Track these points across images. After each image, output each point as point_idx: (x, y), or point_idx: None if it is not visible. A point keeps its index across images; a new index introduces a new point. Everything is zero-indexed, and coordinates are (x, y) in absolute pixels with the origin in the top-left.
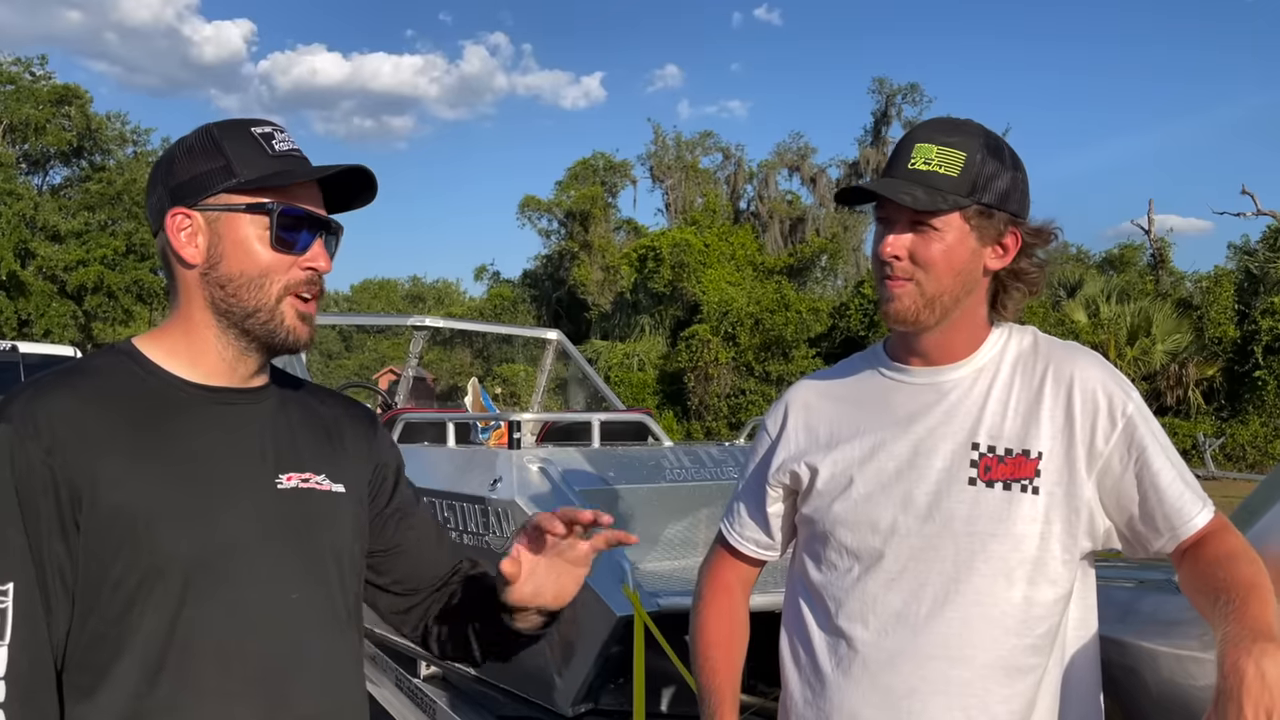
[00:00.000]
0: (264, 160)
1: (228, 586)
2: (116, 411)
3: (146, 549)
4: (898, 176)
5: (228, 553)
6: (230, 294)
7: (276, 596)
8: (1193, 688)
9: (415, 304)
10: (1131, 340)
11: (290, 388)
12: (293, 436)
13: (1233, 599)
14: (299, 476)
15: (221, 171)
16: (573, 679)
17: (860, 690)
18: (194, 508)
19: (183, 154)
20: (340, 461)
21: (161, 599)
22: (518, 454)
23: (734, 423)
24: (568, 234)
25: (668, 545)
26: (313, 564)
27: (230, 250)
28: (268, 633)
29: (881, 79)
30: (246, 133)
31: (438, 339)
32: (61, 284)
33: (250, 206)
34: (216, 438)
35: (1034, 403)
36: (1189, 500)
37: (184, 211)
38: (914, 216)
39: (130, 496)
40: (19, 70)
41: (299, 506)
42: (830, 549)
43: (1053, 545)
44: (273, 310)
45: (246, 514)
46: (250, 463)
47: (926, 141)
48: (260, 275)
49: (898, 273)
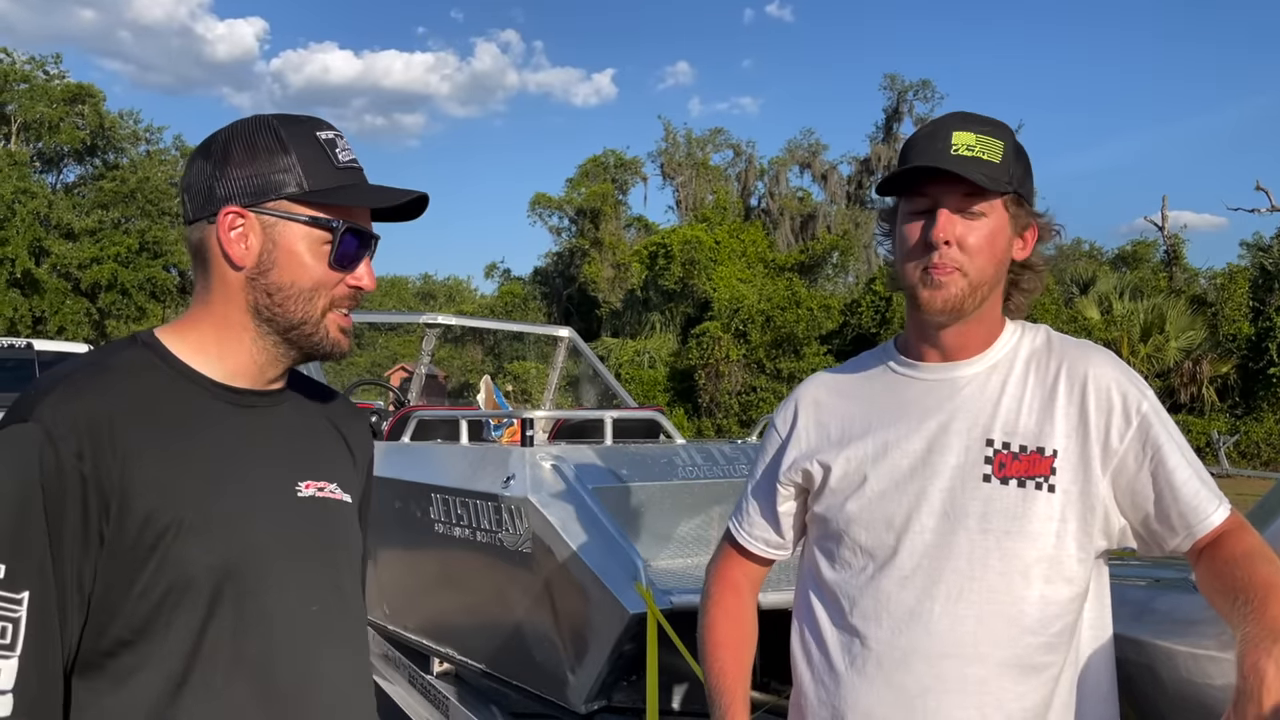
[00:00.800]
0: (330, 171)
1: (254, 598)
2: (146, 415)
3: (175, 559)
4: (940, 163)
5: (255, 563)
6: (277, 303)
7: (300, 608)
8: (1210, 687)
9: (426, 301)
10: (1145, 337)
11: (303, 389)
12: (309, 442)
13: (1251, 599)
14: (315, 485)
15: (287, 177)
16: (586, 676)
17: (874, 688)
18: (222, 517)
19: (243, 146)
20: (348, 469)
21: (189, 610)
22: (531, 451)
23: (745, 420)
24: (578, 231)
25: (681, 543)
26: (331, 575)
27: (284, 259)
28: (291, 645)
29: (893, 75)
30: (312, 137)
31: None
32: (75, 281)
33: (314, 220)
34: (242, 443)
35: (1048, 400)
36: (1205, 498)
37: (239, 211)
38: (961, 203)
39: (160, 505)
40: (33, 69)
41: (317, 516)
42: (844, 547)
43: (1068, 543)
44: (318, 324)
45: (271, 523)
46: (273, 469)
47: (962, 130)
48: (311, 289)
49: (946, 259)
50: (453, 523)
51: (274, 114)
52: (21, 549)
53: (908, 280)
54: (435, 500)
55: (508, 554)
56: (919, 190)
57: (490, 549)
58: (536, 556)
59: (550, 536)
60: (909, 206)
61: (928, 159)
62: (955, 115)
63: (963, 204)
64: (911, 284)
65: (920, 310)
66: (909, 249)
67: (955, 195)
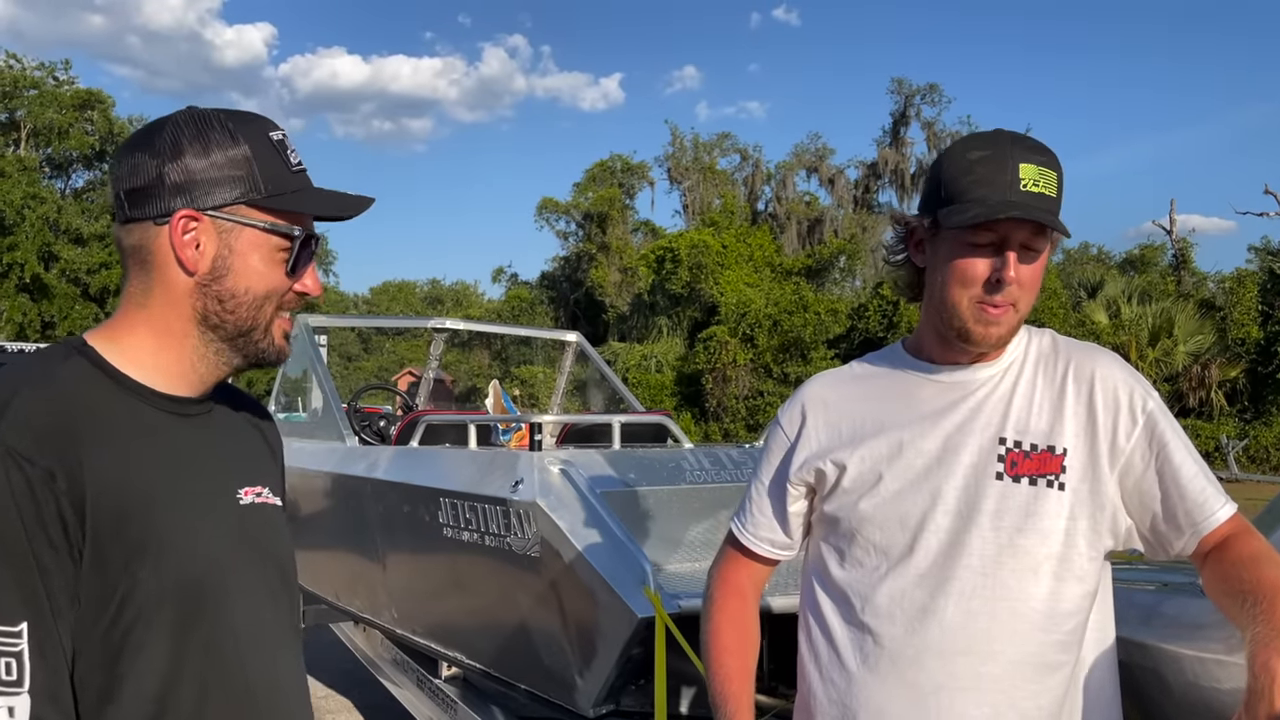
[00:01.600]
0: (285, 175)
1: (220, 611)
2: (100, 430)
3: (144, 578)
4: (1014, 200)
5: (216, 577)
6: (228, 310)
7: (256, 616)
8: (1217, 691)
9: (433, 306)
10: (1153, 341)
11: (229, 397)
12: (241, 448)
13: (1259, 600)
14: (253, 491)
15: (244, 181)
16: (594, 680)
17: (887, 686)
18: (182, 532)
19: (195, 144)
20: (273, 469)
21: (161, 628)
22: (539, 456)
23: (752, 424)
24: (585, 236)
25: (689, 547)
26: (275, 580)
27: (239, 266)
28: (257, 654)
29: (900, 79)
30: (266, 137)
31: (456, 341)
32: (84, 286)
33: (273, 227)
34: (188, 454)
35: (1057, 400)
36: (1211, 495)
37: (192, 214)
38: (1027, 240)
39: (126, 522)
40: (43, 75)
41: (258, 523)
42: (856, 546)
43: (1078, 541)
44: (265, 329)
45: (224, 535)
46: (217, 479)
47: (1026, 161)
48: (264, 296)
49: (1008, 297)
50: (461, 527)
51: (218, 109)
52: (8, 579)
53: (957, 309)
54: (444, 504)
55: (516, 558)
56: (986, 225)
57: (498, 553)
58: (545, 560)
59: (558, 540)
60: (971, 238)
61: (997, 193)
62: (1014, 141)
63: (1027, 241)
64: (962, 315)
65: (970, 343)
66: (969, 281)
67: (1023, 233)
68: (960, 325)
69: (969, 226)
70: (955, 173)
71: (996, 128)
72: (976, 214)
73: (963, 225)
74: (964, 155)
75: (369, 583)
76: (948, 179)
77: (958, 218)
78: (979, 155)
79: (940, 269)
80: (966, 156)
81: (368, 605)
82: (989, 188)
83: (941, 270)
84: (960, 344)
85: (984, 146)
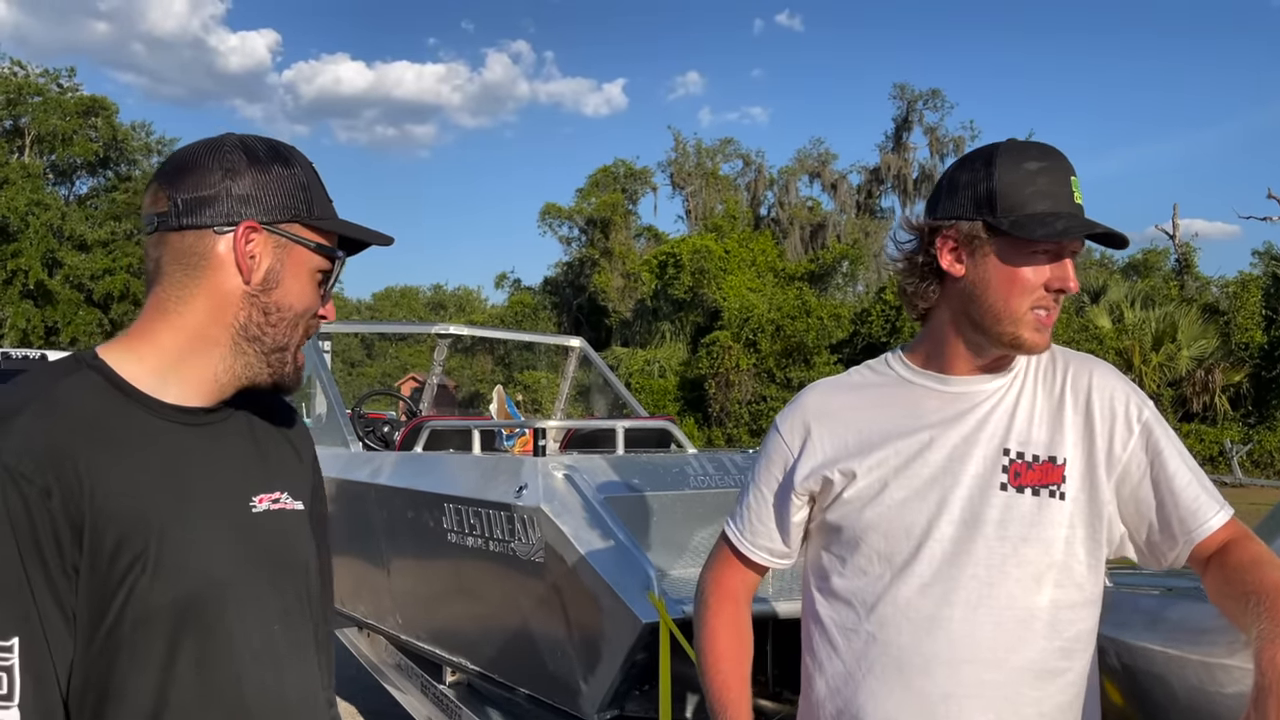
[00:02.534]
0: (325, 201)
1: (217, 627)
2: (103, 445)
3: (139, 593)
4: (1076, 213)
5: (215, 592)
6: (270, 323)
7: (260, 630)
8: (1221, 695)
9: (437, 311)
10: (1157, 346)
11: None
12: (257, 453)
13: (1263, 599)
14: (269, 498)
15: (302, 200)
16: (598, 685)
17: (895, 695)
18: (182, 546)
19: (257, 161)
20: (295, 472)
21: (154, 642)
22: (543, 461)
23: (755, 429)
24: (588, 241)
25: (693, 552)
26: (289, 591)
27: (288, 281)
28: (257, 668)
29: (902, 84)
30: (310, 166)
31: (460, 346)
32: (88, 292)
33: (320, 248)
34: (195, 465)
35: (1056, 411)
36: (1205, 503)
37: (256, 226)
38: (1074, 249)
39: (125, 537)
40: (46, 82)
41: (272, 532)
42: (860, 555)
43: (1078, 550)
44: (295, 350)
45: (229, 548)
46: (226, 489)
47: (1072, 174)
48: (304, 312)
49: (1059, 304)
50: (465, 532)
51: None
52: (2, 595)
53: (1013, 317)
54: (448, 510)
55: (520, 563)
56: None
57: (503, 558)
58: (549, 566)
59: (563, 546)
60: (1034, 247)
61: (1061, 206)
62: (1058, 154)
63: (1075, 250)
64: (1019, 322)
65: (1020, 349)
66: (1029, 289)
67: (1076, 242)
68: (1014, 333)
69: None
70: (1015, 182)
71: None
72: (1067, 227)
73: (1050, 237)
74: (1020, 165)
75: (373, 588)
76: (1005, 187)
77: (1042, 230)
78: (1037, 166)
79: (992, 276)
80: (1024, 166)
81: (372, 610)
82: (1054, 200)
83: (996, 277)
84: (1008, 351)
85: (1040, 158)
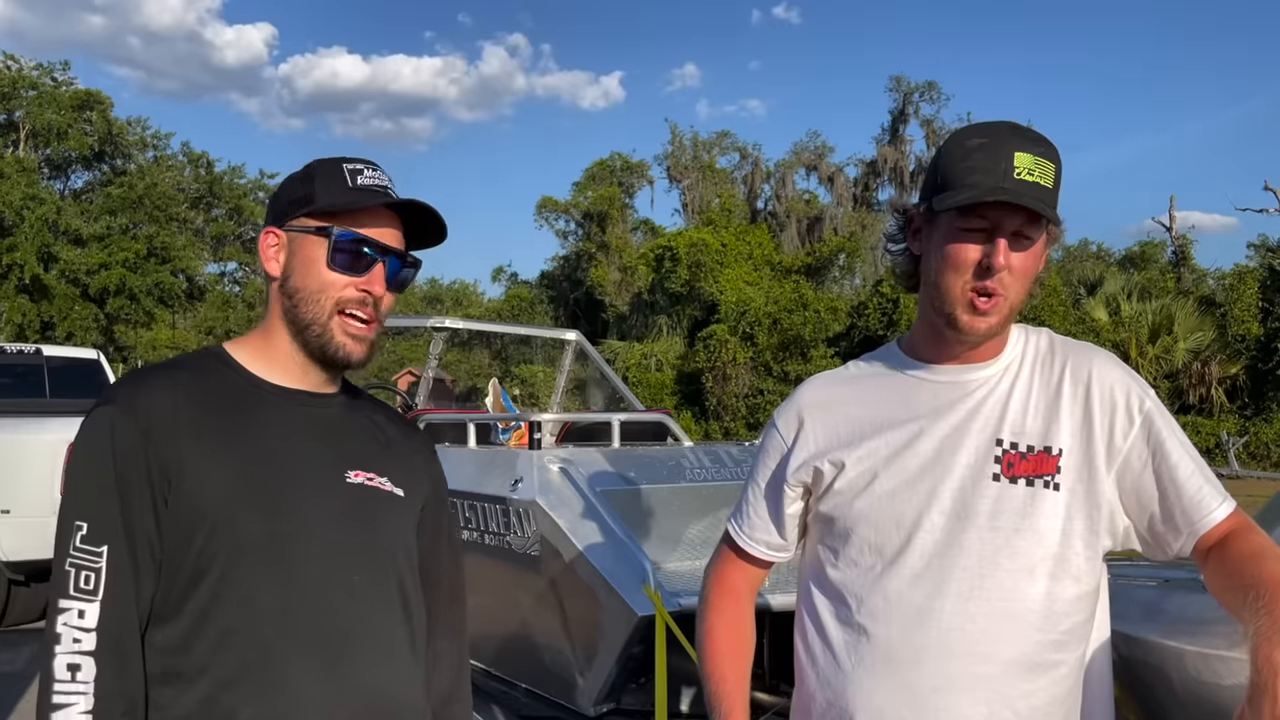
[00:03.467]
0: (342, 191)
1: (296, 564)
2: (205, 404)
3: (224, 528)
4: (1008, 186)
5: (297, 534)
6: (295, 304)
7: (339, 576)
8: (1219, 686)
9: (433, 305)
10: (1153, 338)
11: (359, 401)
12: (359, 441)
13: (1263, 594)
14: (365, 475)
15: (305, 199)
16: (595, 679)
17: (885, 686)
18: (268, 492)
19: (286, 182)
20: (400, 470)
21: (238, 571)
22: (538, 454)
23: (752, 423)
24: (585, 235)
25: (689, 545)
26: (375, 551)
27: (299, 266)
28: (328, 608)
29: (899, 77)
30: (338, 167)
31: (456, 340)
32: (84, 287)
33: (317, 229)
34: (292, 432)
35: (1053, 401)
36: (1208, 494)
37: (275, 231)
38: (1019, 228)
39: (211, 481)
40: (40, 75)
41: (365, 499)
42: (851, 546)
43: (1075, 541)
44: (325, 325)
45: (316, 500)
46: (321, 456)
47: (1023, 150)
48: (318, 290)
49: (998, 285)
50: (461, 526)
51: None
52: (100, 510)
53: (949, 297)
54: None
55: (516, 557)
56: (977, 211)
57: (499, 552)
58: (545, 559)
59: (558, 539)
60: (962, 224)
61: (990, 180)
62: (1013, 131)
63: (1020, 229)
64: (952, 304)
65: (958, 331)
66: (960, 268)
67: (1015, 221)
68: (950, 312)
69: (962, 212)
70: (952, 159)
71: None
72: (967, 197)
73: (953, 208)
74: (963, 143)
75: None
76: (945, 165)
77: (949, 201)
78: (977, 143)
79: (933, 255)
80: (965, 144)
81: None
82: (983, 174)
83: (934, 256)
84: (950, 333)
85: (983, 135)
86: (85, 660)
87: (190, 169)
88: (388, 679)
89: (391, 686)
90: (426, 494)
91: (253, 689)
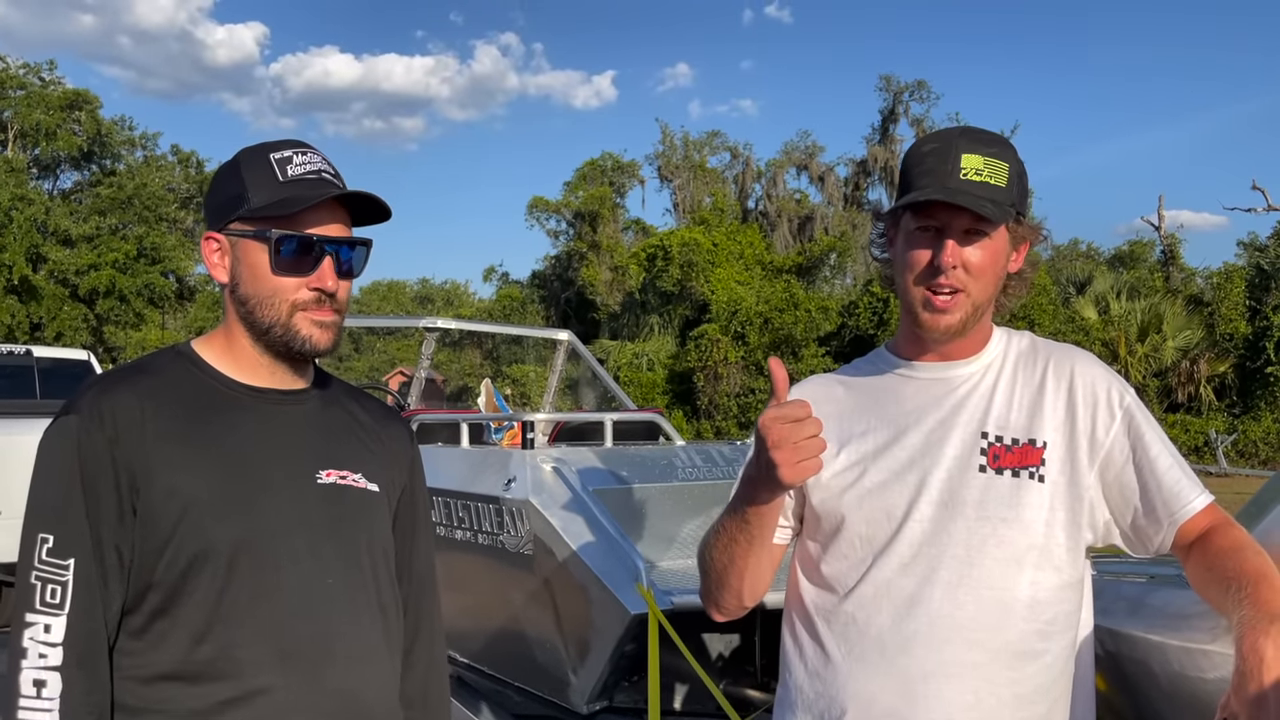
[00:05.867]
0: (273, 187)
1: (267, 569)
2: (172, 407)
3: (195, 533)
4: (951, 186)
5: (268, 538)
6: (250, 310)
7: (313, 580)
8: (1203, 680)
9: (424, 305)
10: (1142, 337)
11: (332, 391)
12: (332, 437)
13: (1244, 585)
14: (337, 473)
15: (237, 199)
16: (588, 677)
17: (876, 674)
18: (239, 496)
19: (215, 179)
20: (375, 463)
21: (209, 576)
22: (531, 454)
23: (744, 422)
24: (576, 234)
25: (681, 544)
26: (348, 553)
27: (245, 273)
28: (303, 612)
29: (889, 76)
30: (265, 159)
31: (447, 340)
32: (73, 288)
33: (255, 233)
34: (262, 434)
35: (1037, 396)
36: (1186, 485)
37: (215, 236)
38: (970, 226)
39: (182, 484)
40: (28, 75)
41: (337, 500)
42: (842, 539)
43: (1057, 533)
44: (286, 325)
45: (286, 504)
46: (292, 458)
47: (970, 152)
48: (270, 295)
49: (952, 280)
50: (454, 525)
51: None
52: (66, 522)
53: (909, 297)
54: (436, 503)
55: (509, 556)
56: (927, 212)
57: (492, 551)
58: (538, 558)
59: (551, 538)
60: (915, 224)
61: (936, 182)
62: (963, 134)
63: (970, 227)
64: (913, 303)
65: (922, 329)
66: (914, 268)
67: (963, 219)
68: (913, 312)
69: (916, 214)
70: (908, 165)
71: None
72: (908, 199)
73: (900, 210)
74: (919, 149)
75: None
76: (904, 171)
77: (898, 203)
78: (930, 148)
79: (897, 257)
80: (920, 150)
81: None
82: (930, 177)
83: (898, 258)
84: (919, 331)
85: (936, 140)
86: (51, 676)
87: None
88: (363, 682)
89: (368, 690)
90: (403, 483)
91: (225, 696)
